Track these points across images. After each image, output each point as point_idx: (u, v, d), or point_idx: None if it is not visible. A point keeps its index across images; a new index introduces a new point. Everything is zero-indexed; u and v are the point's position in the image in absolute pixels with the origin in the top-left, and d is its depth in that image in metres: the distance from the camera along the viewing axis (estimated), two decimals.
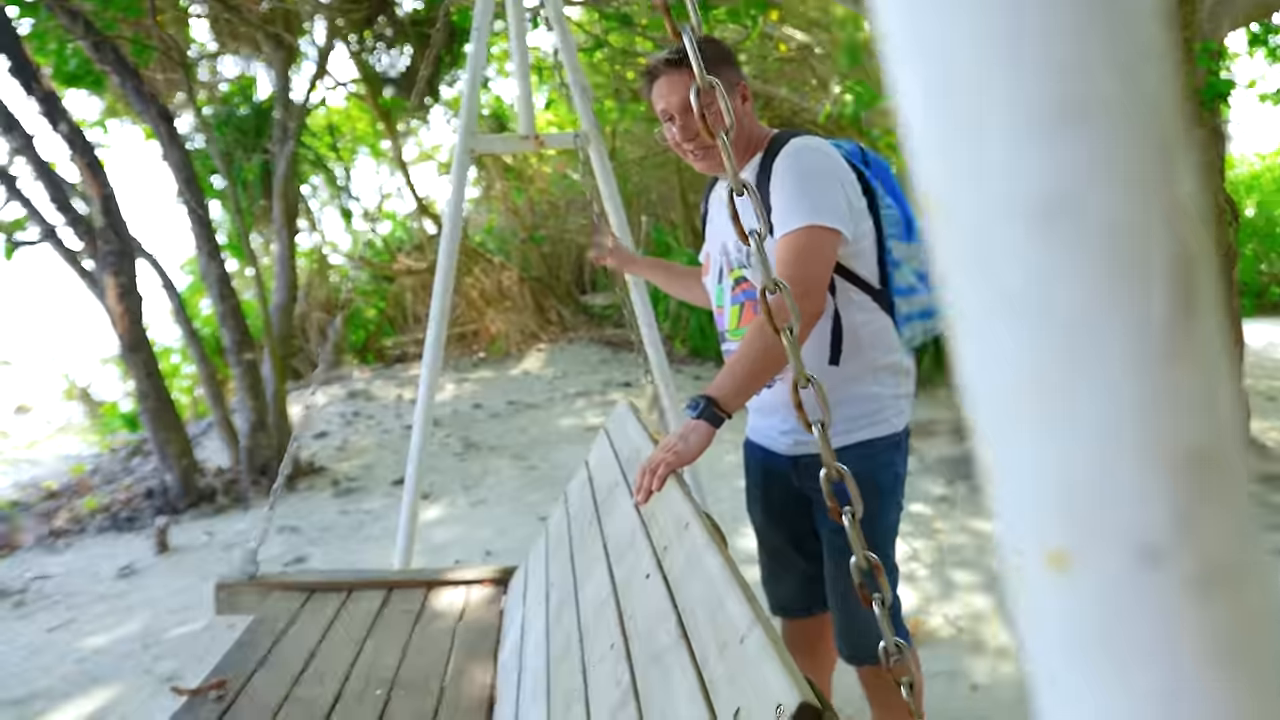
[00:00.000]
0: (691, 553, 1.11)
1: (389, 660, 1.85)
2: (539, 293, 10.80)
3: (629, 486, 1.56)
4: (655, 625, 1.09)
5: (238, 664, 1.81)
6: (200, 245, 4.97)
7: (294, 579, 2.25)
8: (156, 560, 4.02)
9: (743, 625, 0.87)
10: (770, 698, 0.76)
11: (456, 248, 2.67)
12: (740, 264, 1.67)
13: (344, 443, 6.01)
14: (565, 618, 1.48)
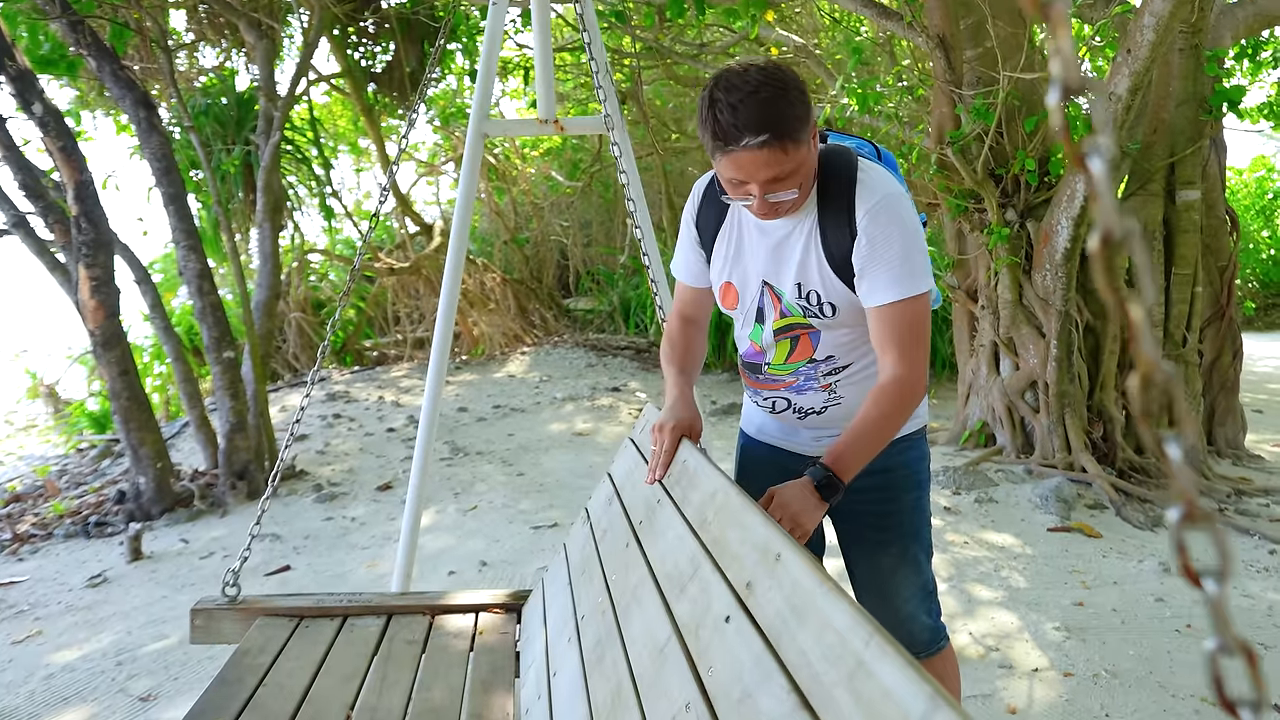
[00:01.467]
0: (795, 596, 0.90)
1: (394, 701, 1.65)
2: (522, 295, 10.62)
3: (676, 505, 1.40)
4: (753, 689, 0.87)
5: (218, 705, 1.59)
6: (179, 238, 4.75)
7: (281, 604, 2.00)
8: (129, 569, 3.79)
9: (914, 705, 0.64)
10: None
11: (466, 235, 2.51)
12: (803, 311, 1.54)
13: (325, 446, 5.80)
14: (609, 660, 1.28)
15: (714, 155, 1.39)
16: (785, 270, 1.53)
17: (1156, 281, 5.14)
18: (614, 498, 1.76)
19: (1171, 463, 0.47)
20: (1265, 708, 0.45)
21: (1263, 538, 4.03)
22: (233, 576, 2.02)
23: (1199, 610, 3.15)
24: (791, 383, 1.63)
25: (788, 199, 1.40)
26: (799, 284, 1.52)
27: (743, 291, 1.61)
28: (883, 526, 1.69)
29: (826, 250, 1.47)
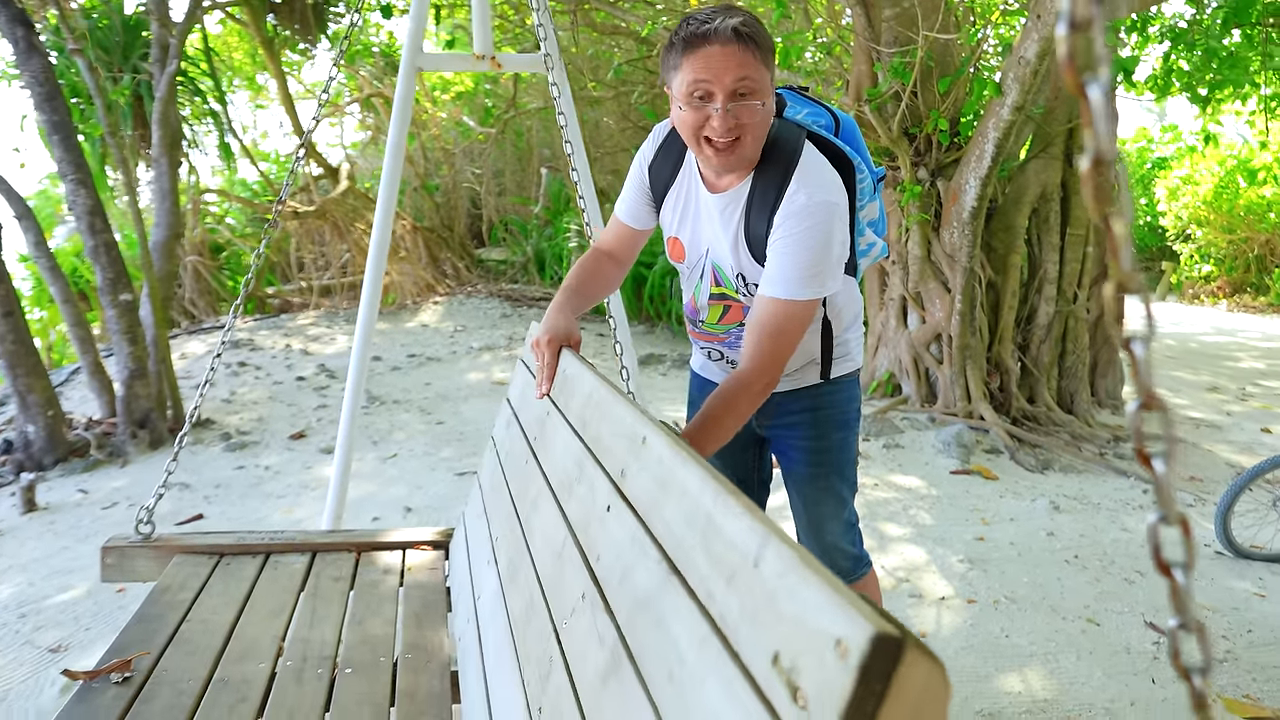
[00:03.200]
0: (659, 471, 0.92)
1: (325, 635, 1.62)
2: (433, 244, 10.36)
3: (562, 413, 1.41)
4: (633, 564, 0.90)
5: (141, 640, 1.53)
6: (66, 171, 4.42)
7: (199, 541, 1.93)
8: (23, 521, 3.60)
9: (751, 545, 0.68)
10: (819, 633, 0.56)
11: (398, 176, 2.44)
12: (737, 290, 1.60)
13: (231, 394, 5.58)
14: (522, 574, 1.30)
15: (679, 66, 1.35)
16: (725, 249, 1.55)
17: (1052, 242, 5.44)
18: (512, 420, 1.77)
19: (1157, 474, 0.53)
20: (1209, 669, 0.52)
21: (1137, 478, 4.39)
22: (146, 514, 1.94)
23: (1084, 544, 3.42)
24: (724, 338, 1.70)
25: (753, 109, 1.35)
26: (731, 265, 1.56)
27: (689, 251, 1.63)
28: (812, 461, 1.77)
29: (747, 228, 1.49)
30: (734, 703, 0.61)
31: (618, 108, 10.42)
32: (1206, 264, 13.83)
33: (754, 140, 1.40)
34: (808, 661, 0.55)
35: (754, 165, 1.47)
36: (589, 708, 0.86)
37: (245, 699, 1.40)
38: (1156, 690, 2.37)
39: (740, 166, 1.45)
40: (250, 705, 1.39)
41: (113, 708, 1.34)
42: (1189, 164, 13.89)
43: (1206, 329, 10.66)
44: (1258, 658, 2.57)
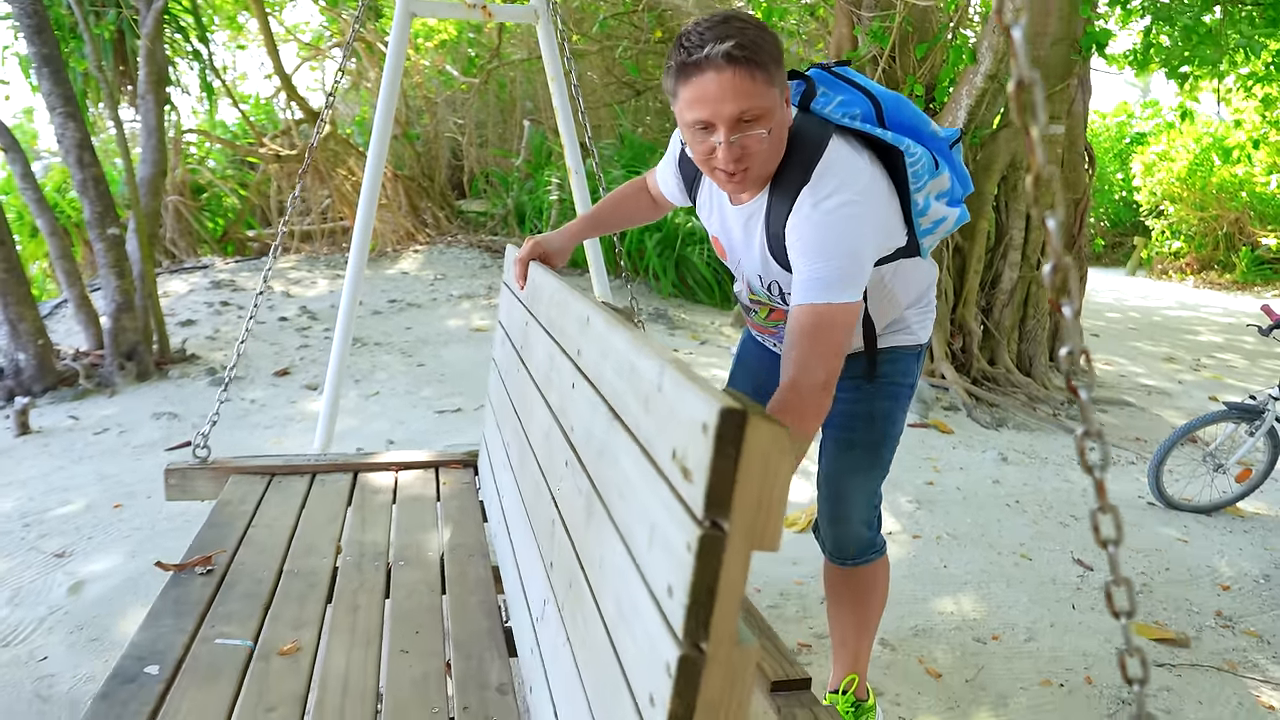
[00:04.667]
0: (599, 342, 1.08)
1: (376, 537, 1.81)
2: (413, 193, 10.38)
3: (536, 319, 1.56)
4: (591, 423, 1.05)
5: (215, 542, 1.73)
6: (55, 104, 4.46)
7: (252, 464, 2.13)
8: (18, 442, 3.72)
9: (653, 374, 0.81)
10: (694, 422, 0.69)
11: (392, 119, 2.56)
12: (769, 299, 1.56)
13: (215, 332, 5.68)
14: (528, 465, 1.48)
15: (676, 94, 1.28)
16: (753, 261, 1.51)
17: (1019, 209, 5.63)
18: (505, 339, 1.94)
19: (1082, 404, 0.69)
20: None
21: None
22: (202, 439, 2.14)
23: (1026, 491, 3.66)
24: (775, 332, 1.68)
25: (758, 138, 1.27)
26: (760, 275, 1.52)
27: (729, 253, 1.59)
28: (846, 426, 1.67)
29: (769, 239, 1.42)
30: (657, 498, 0.76)
31: (602, 62, 10.43)
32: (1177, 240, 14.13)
33: (763, 163, 1.32)
34: (690, 447, 0.69)
35: (769, 179, 1.39)
36: (580, 547, 1.04)
37: (315, 586, 1.60)
38: (1075, 615, 2.61)
39: (753, 187, 1.40)
40: (320, 591, 1.59)
41: (203, 593, 1.54)
42: (1166, 140, 14.12)
43: (1171, 303, 10.97)
44: (1171, 591, 2.82)
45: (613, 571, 0.87)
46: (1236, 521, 3.49)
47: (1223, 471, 3.60)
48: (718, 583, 0.65)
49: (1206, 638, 2.53)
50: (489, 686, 1.33)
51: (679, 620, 0.66)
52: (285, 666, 1.34)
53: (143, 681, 1.27)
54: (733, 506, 0.64)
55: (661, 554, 0.72)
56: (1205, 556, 3.11)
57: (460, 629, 1.48)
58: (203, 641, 1.39)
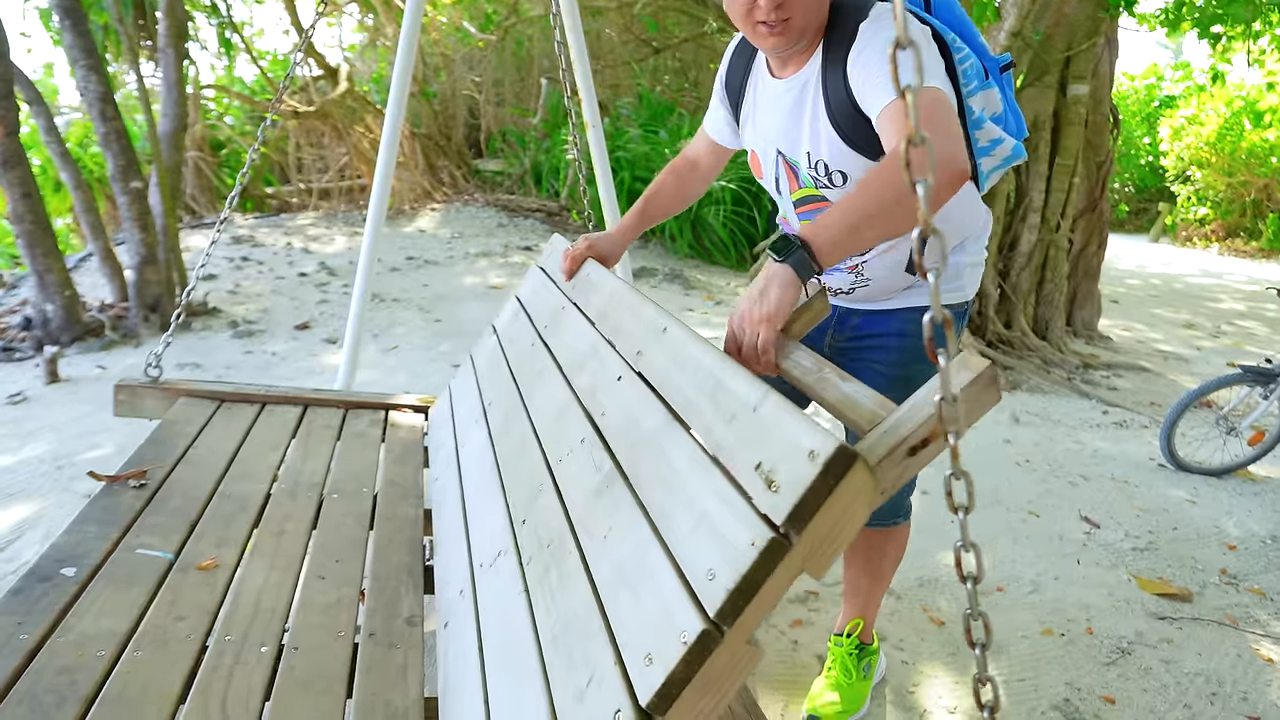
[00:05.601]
0: (675, 352, 1.14)
1: (315, 467, 1.82)
2: (431, 151, 10.37)
3: (578, 307, 1.62)
4: (638, 415, 1.11)
5: (153, 458, 1.73)
6: (76, 57, 4.50)
7: (203, 387, 2.13)
8: (48, 390, 3.82)
9: (753, 396, 0.90)
10: (798, 447, 0.78)
11: (410, 76, 2.58)
12: (815, 182, 1.45)
13: (236, 286, 5.75)
14: (515, 427, 1.52)
15: None
16: (797, 138, 1.44)
17: (1039, 171, 5.57)
18: (519, 311, 1.98)
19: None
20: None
21: (1100, 401, 4.65)
22: (155, 359, 2.13)
23: (1037, 451, 3.69)
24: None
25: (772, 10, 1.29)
26: (809, 153, 1.43)
27: (763, 160, 1.55)
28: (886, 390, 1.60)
29: (827, 103, 1.36)
30: (716, 495, 0.86)
31: (620, 19, 10.31)
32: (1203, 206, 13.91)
33: (805, 12, 1.31)
34: (785, 465, 0.79)
35: (817, 40, 1.37)
36: (577, 516, 1.10)
37: (245, 509, 1.63)
38: (1079, 569, 2.66)
39: (796, 44, 1.36)
40: (249, 514, 1.61)
41: (133, 505, 1.57)
42: (1196, 103, 13.83)
43: (1194, 271, 10.85)
44: (1177, 550, 2.86)
45: (622, 543, 0.95)
46: (1247, 484, 3.50)
47: (1235, 435, 3.60)
48: (765, 581, 0.74)
49: (1210, 593, 2.57)
50: (398, 616, 1.36)
51: (716, 600, 0.75)
52: (201, 580, 1.37)
53: (57, 581, 1.30)
54: (809, 527, 0.74)
55: (708, 542, 0.81)
56: (1213, 517, 3.14)
57: (380, 562, 1.51)
58: (124, 550, 1.41)
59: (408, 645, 1.29)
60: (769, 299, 1.13)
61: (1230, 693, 2.09)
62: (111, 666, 1.15)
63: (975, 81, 1.40)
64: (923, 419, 0.84)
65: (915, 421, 0.85)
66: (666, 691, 0.75)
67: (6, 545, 2.47)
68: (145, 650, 1.19)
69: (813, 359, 1.11)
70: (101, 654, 1.16)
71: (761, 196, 8.01)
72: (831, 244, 1.13)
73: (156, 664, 1.16)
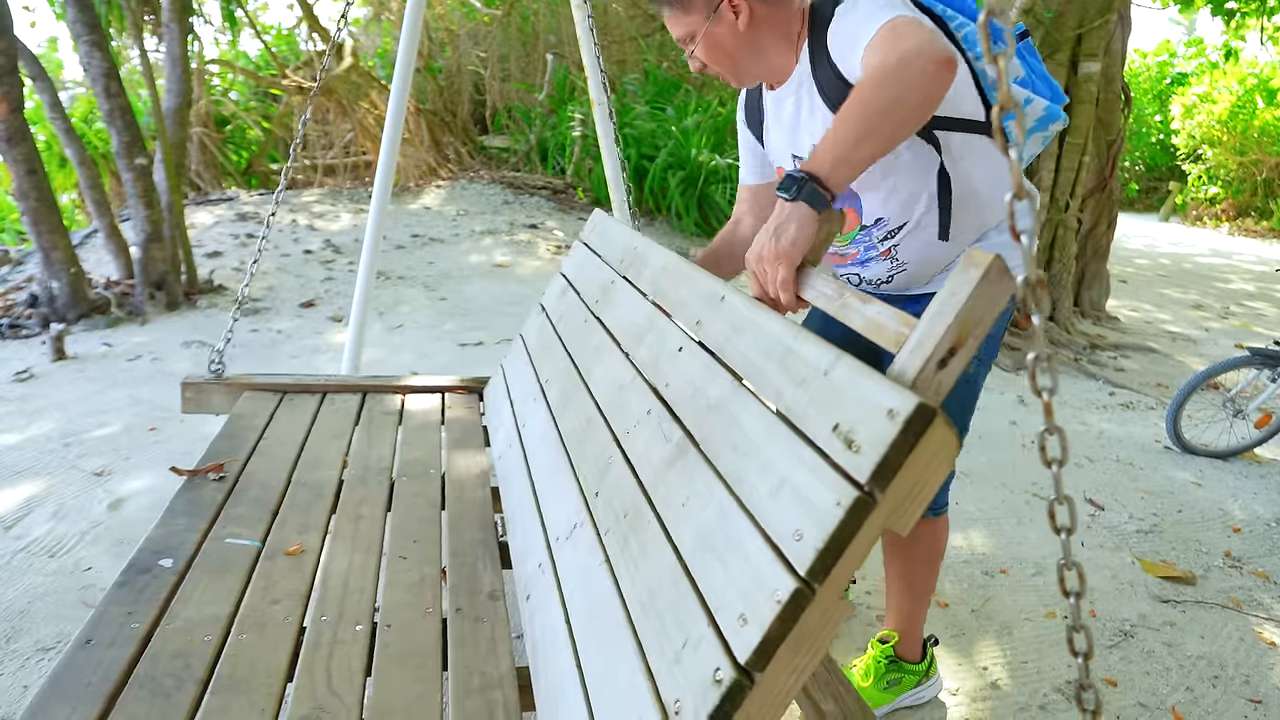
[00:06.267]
0: (736, 319, 1.16)
1: (381, 452, 1.90)
2: (436, 127, 10.30)
3: (629, 281, 1.63)
4: (703, 384, 1.14)
5: (228, 452, 1.81)
6: (80, 32, 4.47)
7: (264, 380, 2.20)
8: (54, 367, 3.83)
9: (824, 360, 0.91)
10: (876, 406, 0.79)
11: (415, 51, 2.56)
12: None
13: (241, 264, 5.75)
14: (576, 403, 1.55)
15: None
16: (804, 132, 1.48)
17: (1049, 150, 5.52)
18: (568, 289, 1.99)
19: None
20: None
21: (1106, 382, 4.64)
22: (218, 355, 2.20)
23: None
24: (855, 254, 1.57)
25: (696, 63, 1.47)
26: (814, 142, 1.44)
27: (783, 171, 1.58)
28: None
29: (822, 92, 1.40)
30: (795, 458, 0.87)
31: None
32: (1213, 186, 13.78)
33: (731, 61, 1.45)
34: (863, 425, 0.80)
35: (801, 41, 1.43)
36: (651, 485, 1.13)
37: (321, 496, 1.68)
38: (1084, 552, 2.66)
39: (747, 81, 1.50)
40: (325, 500, 1.67)
41: (215, 497, 1.63)
42: (1208, 81, 13.67)
43: (1204, 250, 10.78)
44: (1181, 532, 2.86)
45: (703, 511, 0.97)
46: (1253, 467, 3.50)
47: (1242, 417, 3.59)
48: (852, 539, 0.76)
49: (1213, 576, 2.58)
50: (480, 592, 1.42)
51: (806, 560, 0.77)
52: (290, 566, 1.43)
53: (157, 572, 1.36)
54: (892, 484, 0.75)
55: (791, 504, 0.83)
56: (1218, 500, 3.14)
57: (456, 540, 1.57)
58: (213, 540, 1.48)
59: (493, 619, 1.34)
60: (786, 235, 1.14)
61: (1233, 676, 2.10)
62: (220, 649, 1.21)
63: (977, 47, 1.39)
64: (946, 326, 0.84)
65: (940, 329, 0.84)
66: (763, 649, 0.77)
67: (15, 523, 2.49)
68: (248, 633, 1.25)
69: (833, 285, 1.10)
70: (209, 638, 1.22)
71: None
72: (833, 166, 1.13)
73: (261, 645, 1.22)
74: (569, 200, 8.95)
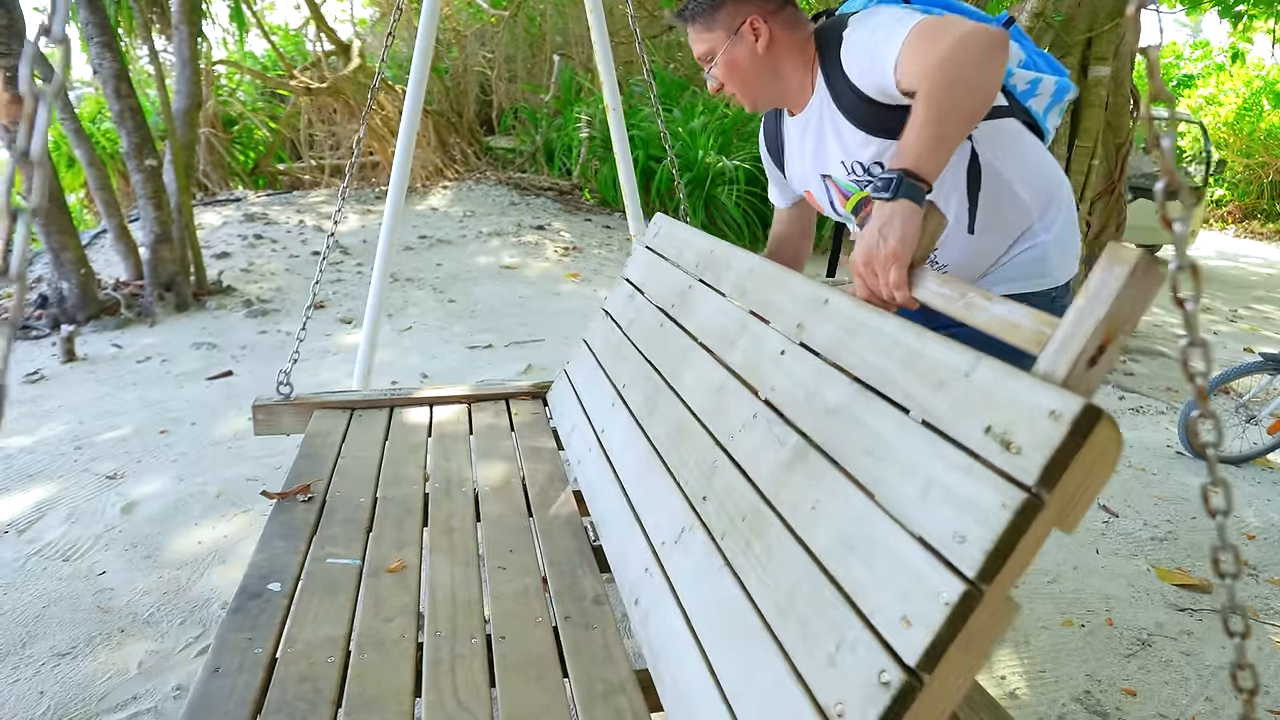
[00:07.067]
0: (845, 322, 1.14)
1: (459, 465, 1.91)
2: (442, 128, 10.30)
3: (708, 285, 1.64)
4: (816, 388, 1.13)
5: (310, 472, 1.83)
6: (92, 34, 4.47)
7: (333, 399, 2.22)
8: (65, 369, 3.83)
9: (962, 363, 0.89)
10: (1034, 407, 0.77)
11: (430, 54, 2.55)
12: (858, 185, 1.48)
13: (249, 265, 5.75)
14: (664, 408, 1.56)
15: None
16: (830, 155, 1.48)
17: (1059, 153, 5.51)
18: (634, 294, 2.00)
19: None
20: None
21: (1116, 386, 4.62)
22: (285, 376, 2.20)
23: None
24: None
25: (714, 82, 1.49)
26: (843, 161, 1.46)
27: (815, 192, 1.59)
28: None
29: (841, 108, 1.42)
30: (938, 456, 0.86)
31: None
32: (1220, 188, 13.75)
33: (744, 85, 1.47)
34: (1022, 427, 0.79)
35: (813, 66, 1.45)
36: (770, 490, 1.12)
37: (410, 511, 1.70)
38: (1098, 559, 2.65)
39: (762, 105, 1.53)
40: (415, 515, 1.68)
41: (306, 518, 1.64)
42: (1215, 83, 13.64)
43: (1210, 253, 10.75)
44: (1195, 539, 2.84)
45: (838, 514, 0.97)
46: (1266, 473, 3.48)
47: (1255, 423, 3.58)
48: (1020, 540, 0.76)
49: None
50: (584, 598, 1.43)
51: (974, 561, 0.77)
52: (395, 582, 1.45)
53: (268, 596, 1.38)
54: (1059, 485, 0.75)
55: (945, 506, 0.83)
56: (1233, 506, 3.12)
57: (551, 548, 1.58)
58: (315, 560, 1.50)
59: (603, 625, 1.36)
60: (892, 235, 1.12)
61: None
62: (344, 670, 1.23)
63: None
64: (1095, 323, 0.82)
65: (1089, 327, 0.82)
66: (933, 651, 0.77)
67: (29, 526, 2.49)
68: (368, 652, 1.26)
69: (951, 285, 1.08)
70: (331, 660, 1.24)
71: None
72: (923, 155, 1.13)
73: (382, 664, 1.24)
74: (576, 201, 8.94)
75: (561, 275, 6.11)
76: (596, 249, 7.08)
